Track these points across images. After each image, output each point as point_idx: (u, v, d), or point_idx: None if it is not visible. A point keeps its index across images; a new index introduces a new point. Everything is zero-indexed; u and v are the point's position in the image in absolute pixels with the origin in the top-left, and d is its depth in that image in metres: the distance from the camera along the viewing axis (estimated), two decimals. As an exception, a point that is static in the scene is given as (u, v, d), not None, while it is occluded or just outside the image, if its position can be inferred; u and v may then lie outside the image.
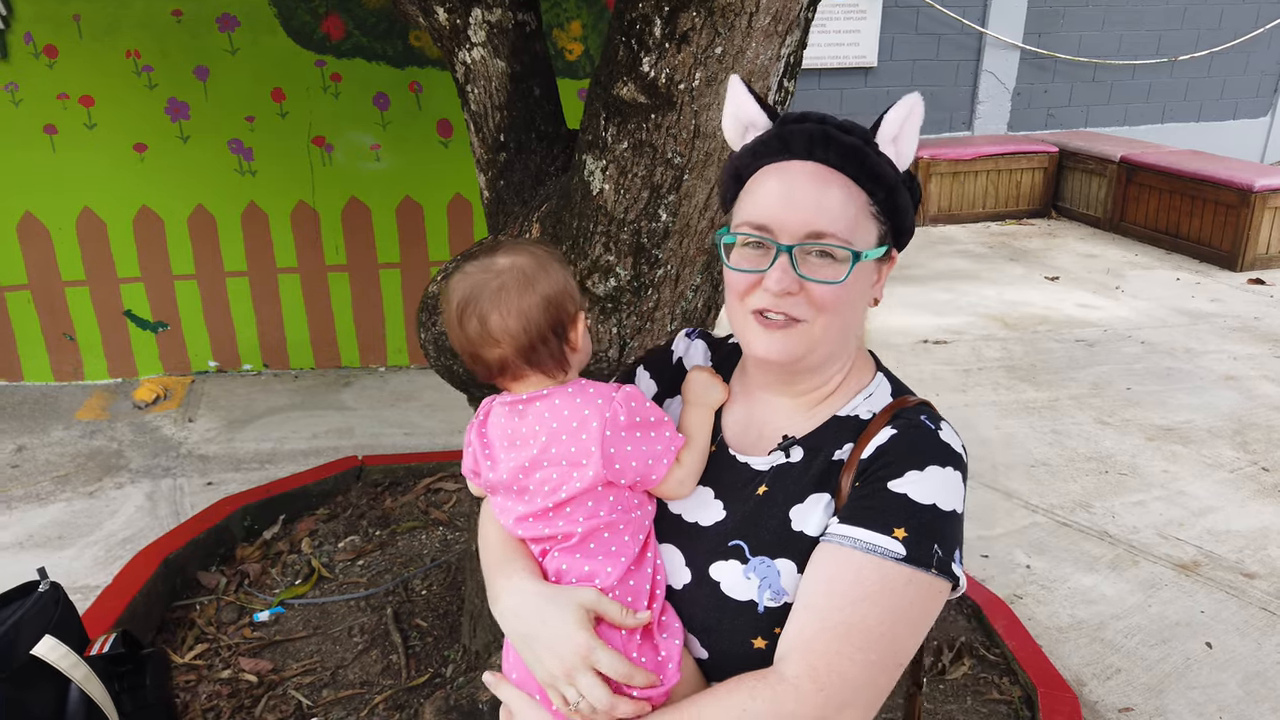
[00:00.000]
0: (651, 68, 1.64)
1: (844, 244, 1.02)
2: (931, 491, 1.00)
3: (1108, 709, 2.50)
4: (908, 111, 1.05)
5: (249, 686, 2.44)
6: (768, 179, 1.06)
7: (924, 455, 1.02)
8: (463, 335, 1.11)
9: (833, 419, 1.11)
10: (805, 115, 1.08)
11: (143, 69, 4.01)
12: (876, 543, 0.98)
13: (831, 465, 1.07)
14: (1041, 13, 8.13)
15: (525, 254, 1.12)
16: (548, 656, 1.02)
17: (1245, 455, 3.91)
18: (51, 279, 4.26)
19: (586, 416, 1.08)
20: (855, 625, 0.96)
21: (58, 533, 3.21)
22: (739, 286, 1.06)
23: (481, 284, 1.09)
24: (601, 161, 1.82)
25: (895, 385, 1.15)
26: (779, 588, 1.03)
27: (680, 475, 1.11)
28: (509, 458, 1.11)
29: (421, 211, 4.43)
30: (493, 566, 1.14)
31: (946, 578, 0.99)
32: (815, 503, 1.06)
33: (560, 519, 1.08)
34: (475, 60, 2.15)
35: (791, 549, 1.04)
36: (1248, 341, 5.18)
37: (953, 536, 1.01)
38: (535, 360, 1.10)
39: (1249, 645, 2.76)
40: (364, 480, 3.46)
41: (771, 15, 1.56)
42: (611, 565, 1.07)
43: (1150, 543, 3.28)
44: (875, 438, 1.05)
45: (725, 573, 1.06)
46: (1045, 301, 5.84)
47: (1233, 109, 9.16)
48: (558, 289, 1.11)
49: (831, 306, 1.04)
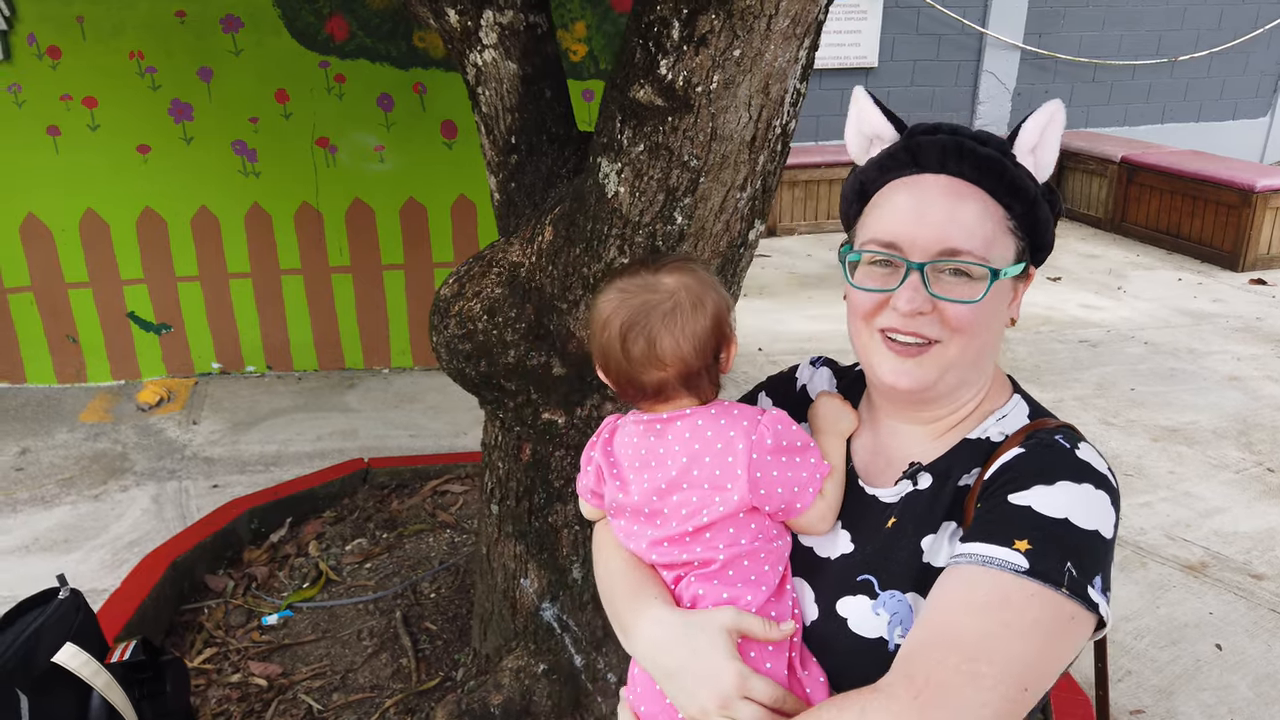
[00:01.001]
0: (669, 70, 1.63)
1: (980, 261, 0.97)
2: (1063, 506, 0.91)
3: (1119, 711, 2.50)
4: (1048, 119, 1.00)
5: (259, 690, 2.43)
6: (896, 193, 1.01)
7: (1054, 471, 0.93)
8: (624, 358, 1.05)
9: (963, 443, 1.04)
10: (937, 126, 1.03)
11: (146, 70, 4.00)
12: (994, 555, 0.89)
13: (959, 491, 1.01)
14: (1042, 13, 8.13)
15: (689, 273, 1.07)
16: (699, 689, 0.96)
17: (1250, 456, 3.92)
18: (54, 281, 4.25)
19: (732, 438, 1.03)
20: (963, 635, 0.87)
21: (64, 536, 3.20)
22: (864, 306, 1.01)
23: (650, 305, 1.04)
24: (617, 164, 1.82)
25: (1034, 407, 1.07)
26: (910, 624, 0.96)
27: (823, 508, 1.05)
28: (642, 479, 1.06)
29: (425, 213, 4.42)
30: (621, 596, 1.08)
31: (1081, 602, 0.87)
32: (944, 531, 1.00)
33: (699, 545, 1.03)
34: (487, 62, 2.14)
35: (923, 583, 0.97)
36: (1251, 342, 5.19)
37: (1093, 559, 0.90)
38: (693, 384, 1.06)
39: (1259, 647, 2.76)
40: (370, 483, 3.45)
41: (791, 18, 1.56)
42: (752, 593, 1.02)
43: (1158, 544, 3.28)
44: (1002, 457, 0.98)
45: (853, 609, 1.00)
46: (1048, 302, 5.84)
47: (1232, 109, 9.17)
48: (722, 309, 1.07)
49: (967, 328, 0.98)
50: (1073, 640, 0.89)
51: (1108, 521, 0.92)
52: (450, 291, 2.15)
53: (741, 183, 1.80)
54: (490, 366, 2.10)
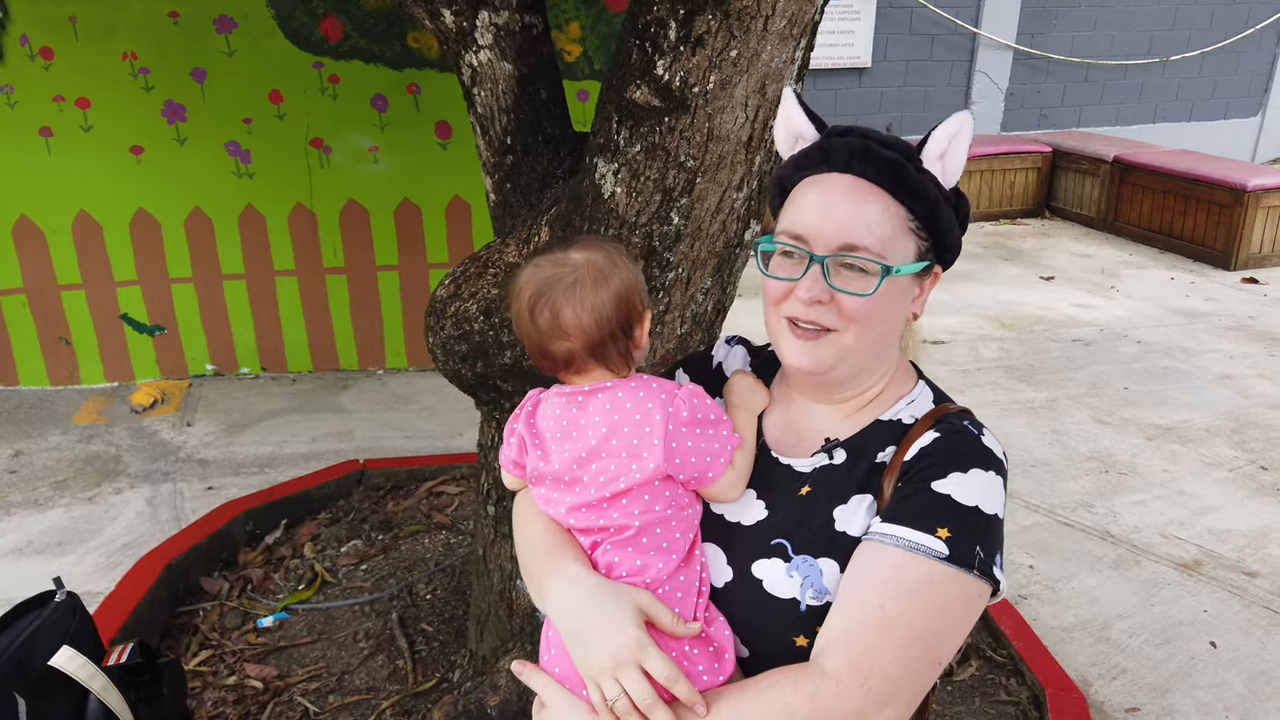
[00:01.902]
0: (665, 71, 1.63)
1: (876, 258, 1.03)
2: (975, 494, 1.01)
3: (1114, 709, 2.51)
4: (956, 129, 1.06)
5: (255, 693, 2.42)
6: (808, 190, 1.08)
7: (967, 458, 1.03)
8: (533, 327, 1.11)
9: (875, 423, 1.12)
10: (850, 129, 1.09)
11: (139, 71, 3.99)
12: (920, 541, 0.99)
13: (874, 467, 1.08)
14: (1034, 13, 8.15)
15: (598, 249, 1.12)
16: (598, 648, 1.01)
17: (1244, 454, 3.93)
18: (47, 282, 4.23)
19: (649, 410, 1.08)
20: (898, 621, 0.96)
21: (58, 539, 3.18)
22: (774, 293, 1.09)
23: (556, 278, 1.10)
24: (614, 164, 1.82)
25: (937, 393, 1.16)
26: (821, 586, 1.04)
27: (732, 477, 1.12)
28: (563, 448, 1.11)
29: (420, 214, 4.41)
30: (539, 556, 1.13)
31: (987, 580, 1.00)
32: (858, 504, 1.07)
33: (615, 510, 1.08)
34: (482, 63, 2.14)
35: (834, 549, 1.05)
36: (1243, 340, 5.21)
37: (994, 540, 1.02)
38: (602, 355, 1.11)
39: (1253, 644, 2.77)
40: (365, 484, 3.45)
41: (787, 18, 1.56)
42: (663, 561, 1.07)
43: (1152, 542, 3.29)
44: (918, 440, 1.06)
45: (768, 571, 1.07)
46: (1041, 301, 5.86)
47: (1224, 109, 9.21)
48: (629, 286, 1.12)
49: (861, 318, 1.05)
50: (976, 613, 1.02)
51: (1002, 504, 1.04)
52: (446, 292, 2.15)
53: (738, 183, 1.80)
54: (486, 367, 2.10)
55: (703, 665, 1.04)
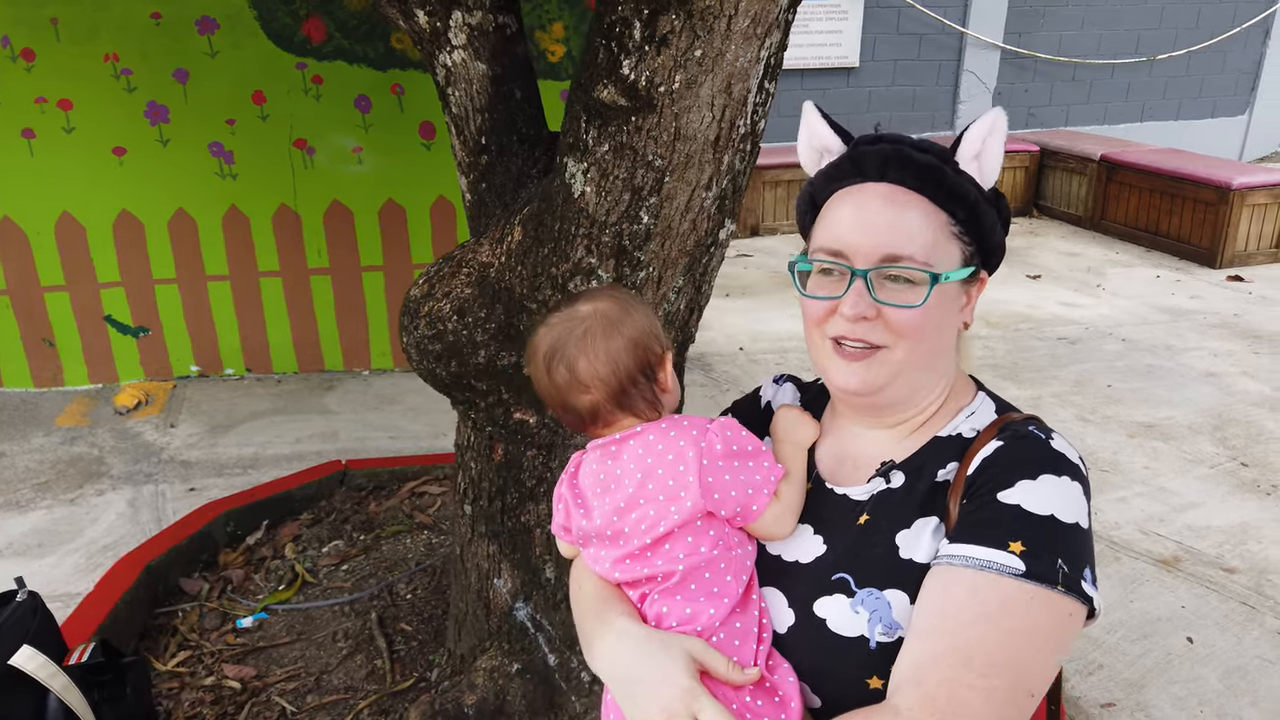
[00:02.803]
0: (631, 70, 1.64)
1: (922, 266, 0.99)
2: (1048, 502, 0.93)
3: (1090, 704, 2.52)
4: (989, 127, 1.02)
5: (232, 693, 2.42)
6: (841, 203, 1.04)
7: (1035, 464, 0.95)
8: (551, 385, 1.09)
9: (933, 440, 1.06)
10: (880, 136, 1.05)
11: (121, 72, 3.99)
12: (992, 559, 0.91)
13: (936, 487, 1.01)
14: (1021, 13, 8.18)
15: (606, 299, 1.11)
16: (649, 701, 0.96)
17: (1225, 451, 3.95)
18: (30, 284, 4.22)
19: (682, 448, 1.05)
20: (974, 649, 0.88)
21: (38, 540, 3.18)
22: (815, 314, 1.04)
23: (566, 332, 1.09)
24: (583, 164, 1.83)
25: (999, 403, 1.10)
26: (891, 620, 0.96)
27: (779, 510, 1.06)
28: (603, 502, 1.08)
29: (404, 214, 4.41)
30: (587, 615, 1.09)
31: (1076, 597, 0.91)
32: (923, 527, 0.99)
33: (659, 557, 1.04)
34: (456, 63, 2.14)
35: (901, 578, 0.97)
36: (1227, 338, 5.24)
37: (1079, 552, 0.92)
38: (627, 403, 1.09)
39: (1229, 640, 2.79)
40: (348, 484, 3.45)
41: (750, 18, 1.56)
42: (714, 606, 1.02)
43: (1131, 539, 3.31)
44: (981, 452, 0.99)
45: (831, 609, 1.00)
46: (1028, 300, 5.88)
47: (1211, 107, 9.25)
48: (642, 330, 1.10)
49: (912, 332, 1.00)
50: (1070, 635, 0.92)
51: (1084, 512, 0.95)
52: (420, 292, 2.15)
53: (707, 182, 1.81)
54: (461, 367, 2.10)
55: (767, 716, 0.99)
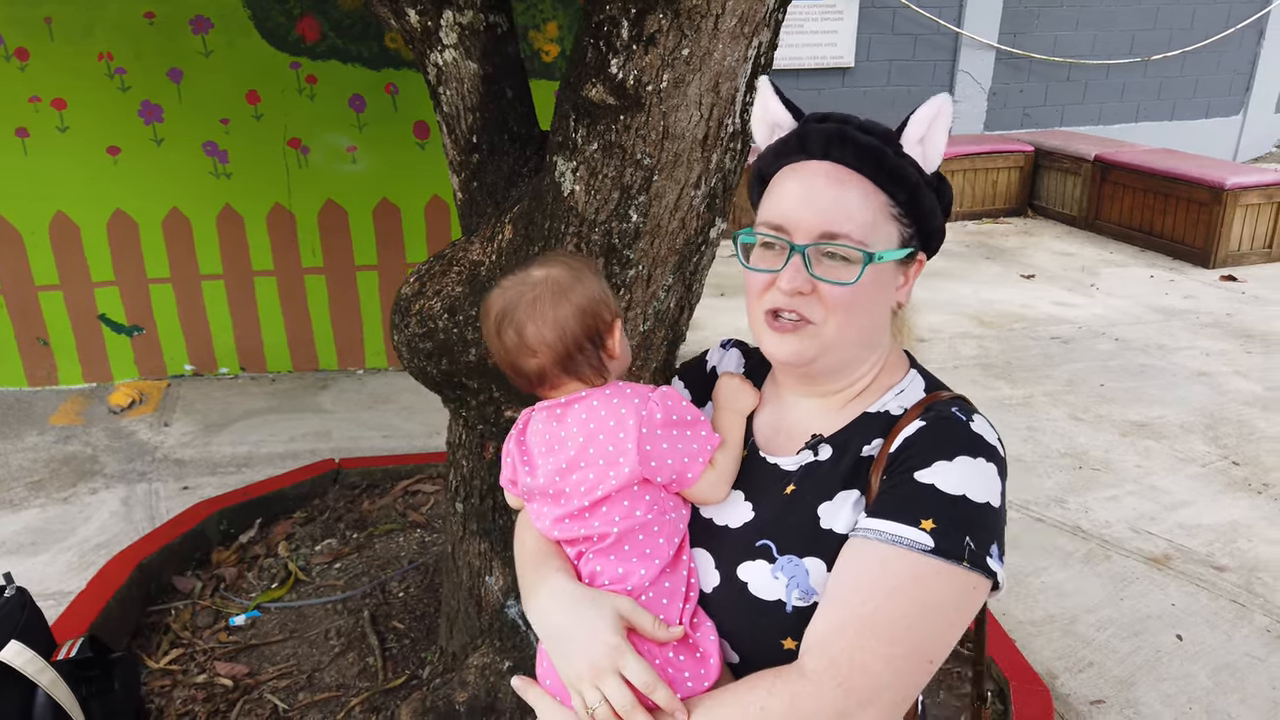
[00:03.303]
0: (619, 69, 1.65)
1: (857, 245, 1.01)
2: (961, 482, 0.97)
3: (1079, 701, 2.53)
4: (935, 112, 1.04)
5: (224, 691, 2.43)
6: (786, 179, 1.06)
7: (953, 446, 0.99)
8: (501, 347, 1.13)
9: (862, 416, 1.09)
10: (827, 115, 1.07)
11: (115, 71, 3.99)
12: (903, 534, 0.95)
13: (860, 461, 1.05)
14: (1016, 13, 8.20)
15: (559, 265, 1.14)
16: (577, 656, 1.00)
17: (1216, 450, 3.96)
18: (24, 283, 4.22)
19: (623, 415, 1.08)
20: (879, 618, 0.93)
21: (31, 539, 3.18)
22: (755, 286, 1.07)
23: (517, 296, 1.12)
24: (572, 163, 1.83)
25: (929, 381, 1.13)
26: (807, 586, 1.01)
27: (713, 477, 1.10)
28: (547, 462, 1.12)
29: (399, 213, 4.42)
30: (527, 568, 1.13)
31: (981, 572, 0.95)
32: (844, 500, 1.04)
33: (596, 519, 1.09)
34: (447, 62, 2.15)
35: (820, 547, 1.02)
36: (1220, 338, 5.25)
37: (988, 530, 0.97)
38: (573, 368, 1.12)
39: (1219, 637, 2.80)
40: (341, 483, 3.45)
41: (738, 17, 1.57)
42: (645, 567, 1.07)
43: (1122, 537, 3.32)
44: (904, 431, 1.03)
45: (753, 573, 1.05)
46: (1022, 299, 5.89)
47: (1205, 108, 9.27)
48: (592, 298, 1.12)
49: (843, 307, 1.03)
50: (972, 608, 0.97)
51: (996, 491, 0.98)
52: (411, 290, 2.16)
53: (695, 180, 1.81)
54: (451, 365, 2.11)
55: (688, 671, 1.03)
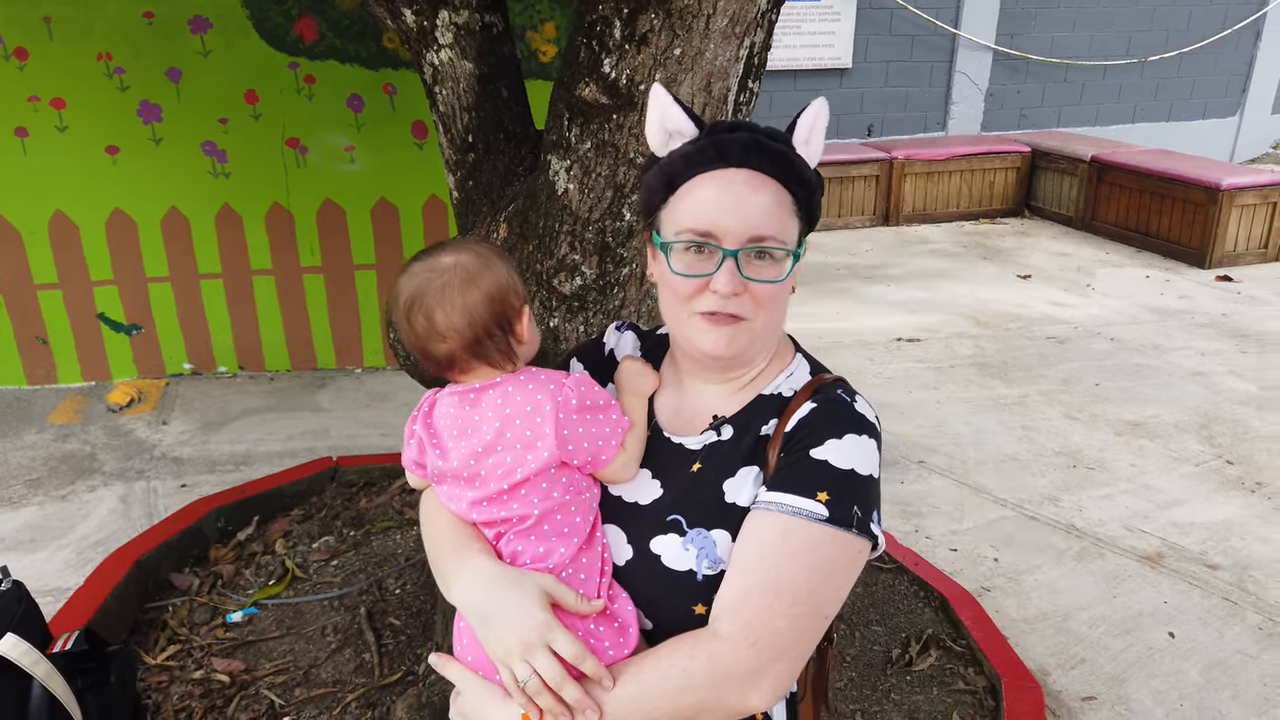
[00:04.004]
0: (612, 69, 1.66)
1: (781, 245, 1.10)
2: (850, 458, 1.07)
3: (1071, 698, 2.55)
4: (815, 116, 1.14)
5: (221, 686, 2.44)
6: (704, 186, 1.11)
7: (842, 425, 1.10)
8: (411, 332, 1.15)
9: (758, 398, 1.18)
10: (735, 124, 1.14)
11: (114, 71, 4.00)
12: (801, 506, 1.05)
13: (759, 440, 1.14)
14: (1013, 14, 8.22)
15: (468, 252, 1.16)
16: (506, 633, 1.05)
17: (1210, 449, 3.98)
18: (23, 282, 4.23)
19: (539, 401, 1.12)
20: (784, 582, 1.03)
21: (29, 536, 3.20)
22: (684, 290, 1.12)
23: (426, 282, 1.14)
24: (566, 161, 1.85)
25: (813, 364, 1.23)
26: (715, 556, 1.09)
27: (624, 458, 1.16)
28: (460, 445, 1.15)
29: (397, 213, 4.43)
30: (445, 552, 1.16)
31: (866, 537, 1.07)
32: (745, 475, 1.13)
33: (515, 501, 1.12)
34: (443, 62, 2.17)
35: (726, 520, 1.11)
36: (1215, 338, 5.27)
37: (871, 499, 1.08)
38: (482, 354, 1.14)
39: (1210, 634, 2.82)
40: (339, 481, 3.47)
41: (729, 17, 1.59)
42: (565, 545, 1.11)
43: (1116, 535, 3.33)
44: (797, 412, 1.13)
45: (665, 546, 1.12)
46: (1018, 299, 5.91)
47: (1202, 109, 9.29)
48: (500, 284, 1.15)
49: (770, 302, 1.12)
50: (859, 567, 1.09)
51: (876, 464, 1.10)
52: (406, 288, 2.17)
53: (688, 179, 1.83)
54: (447, 362, 2.12)
55: (609, 641, 1.09)
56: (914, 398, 4.44)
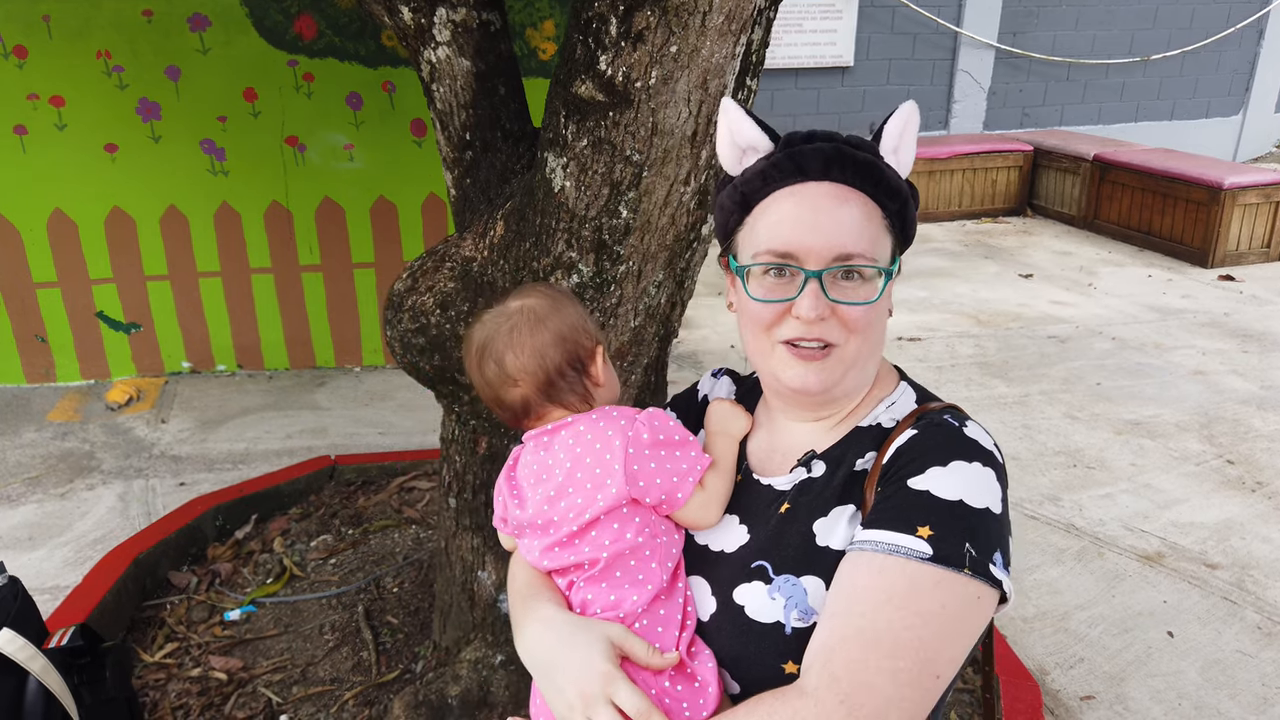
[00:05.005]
0: (609, 66, 1.66)
1: (871, 262, 1.00)
2: (957, 487, 0.94)
3: (1070, 697, 2.54)
4: (905, 121, 1.04)
5: (219, 684, 2.44)
6: (782, 203, 1.03)
7: (947, 451, 0.97)
8: (484, 381, 1.14)
9: (854, 430, 1.08)
10: (813, 134, 1.05)
11: (113, 69, 4.00)
12: (899, 543, 0.93)
13: (854, 476, 1.03)
14: (1016, 12, 8.20)
15: (535, 295, 1.15)
16: (568, 686, 0.98)
17: (1211, 449, 3.97)
18: (22, 280, 4.24)
19: (609, 437, 1.08)
20: (880, 631, 0.90)
21: (28, 534, 3.20)
22: (764, 318, 1.03)
23: (495, 328, 1.13)
24: (562, 159, 1.84)
25: (920, 393, 1.12)
26: (806, 606, 0.98)
27: (704, 498, 1.09)
28: (535, 492, 1.11)
29: (396, 211, 4.43)
30: (517, 603, 1.11)
31: (985, 580, 0.92)
32: (839, 515, 1.02)
33: (585, 544, 1.07)
34: (440, 59, 2.16)
35: (817, 565, 1.00)
36: (1216, 337, 5.26)
37: (989, 536, 0.94)
38: (556, 396, 1.12)
39: (1209, 634, 2.81)
40: (337, 479, 3.46)
41: (725, 14, 1.58)
42: (638, 593, 1.05)
43: (1116, 535, 3.33)
44: (896, 441, 1.01)
45: (749, 596, 1.02)
46: (1019, 299, 5.90)
47: (1205, 108, 9.27)
48: (570, 325, 1.13)
49: (864, 327, 1.02)
50: (979, 619, 0.93)
51: (996, 497, 0.96)
52: (404, 286, 2.17)
53: (685, 177, 1.82)
54: (444, 360, 2.12)
55: (686, 701, 1.00)
56: (914, 397, 4.43)
